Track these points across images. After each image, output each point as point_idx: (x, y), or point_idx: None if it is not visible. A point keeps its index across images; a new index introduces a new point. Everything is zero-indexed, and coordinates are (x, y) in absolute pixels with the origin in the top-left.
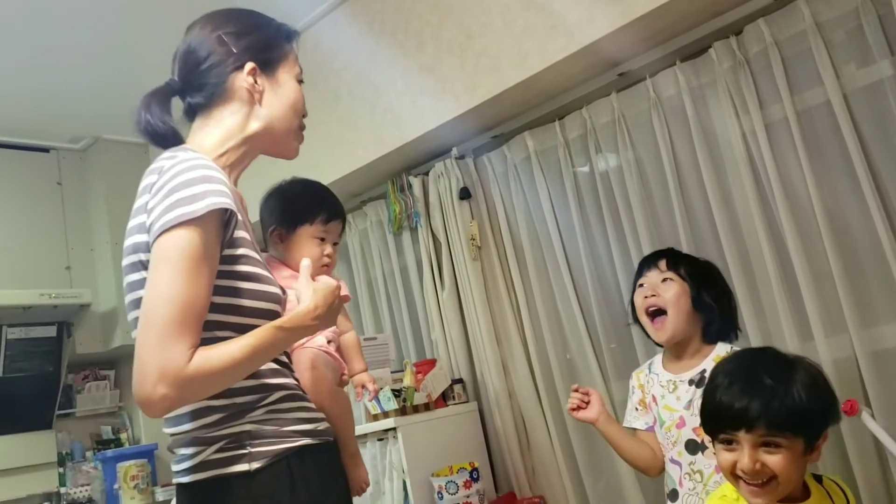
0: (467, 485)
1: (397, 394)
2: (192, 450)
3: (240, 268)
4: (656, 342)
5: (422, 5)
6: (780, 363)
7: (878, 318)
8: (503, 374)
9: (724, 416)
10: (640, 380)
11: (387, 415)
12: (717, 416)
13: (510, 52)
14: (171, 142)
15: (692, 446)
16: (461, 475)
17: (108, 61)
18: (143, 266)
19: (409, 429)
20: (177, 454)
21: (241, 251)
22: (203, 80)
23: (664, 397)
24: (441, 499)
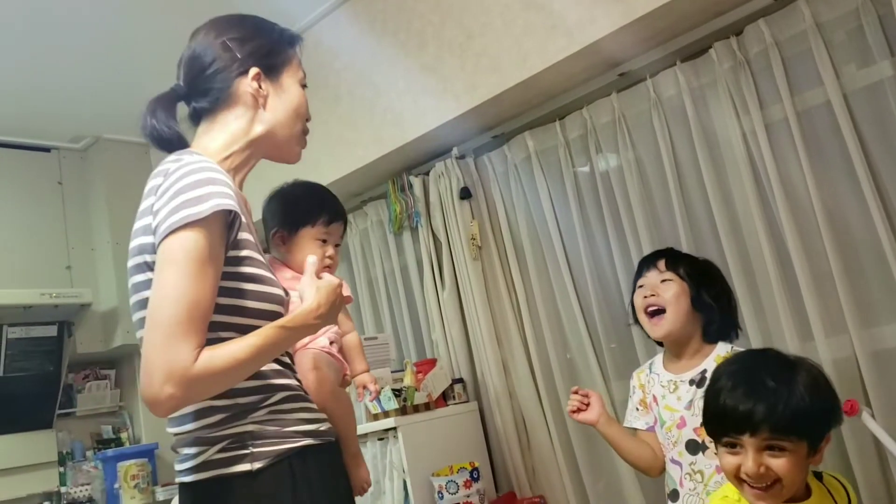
0: (467, 484)
1: (398, 393)
2: (195, 449)
3: (244, 269)
4: (653, 339)
5: (423, 5)
6: (782, 365)
7: (879, 318)
8: (503, 373)
9: (727, 419)
10: (641, 380)
11: (387, 414)
12: (720, 420)
13: (510, 52)
14: (176, 146)
15: (693, 446)
16: (461, 475)
17: (108, 61)
18: (148, 267)
19: (409, 428)
20: (180, 454)
21: (244, 253)
22: (208, 85)
23: (665, 397)
24: (441, 498)
